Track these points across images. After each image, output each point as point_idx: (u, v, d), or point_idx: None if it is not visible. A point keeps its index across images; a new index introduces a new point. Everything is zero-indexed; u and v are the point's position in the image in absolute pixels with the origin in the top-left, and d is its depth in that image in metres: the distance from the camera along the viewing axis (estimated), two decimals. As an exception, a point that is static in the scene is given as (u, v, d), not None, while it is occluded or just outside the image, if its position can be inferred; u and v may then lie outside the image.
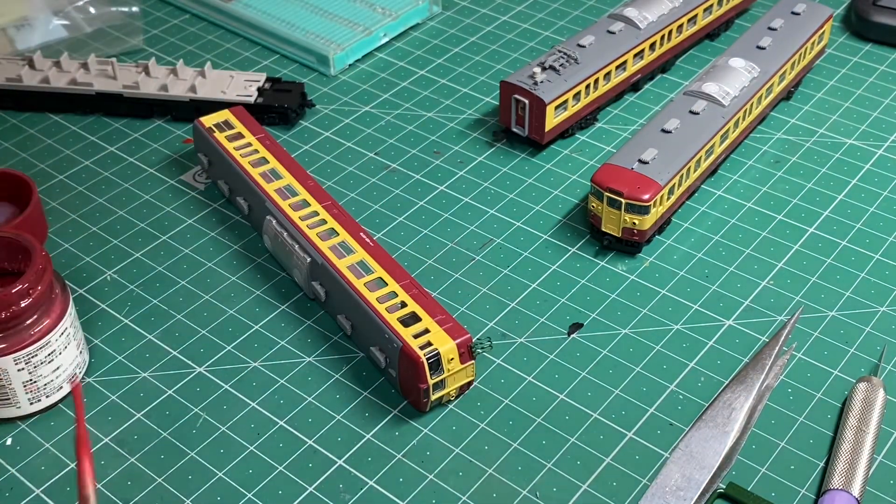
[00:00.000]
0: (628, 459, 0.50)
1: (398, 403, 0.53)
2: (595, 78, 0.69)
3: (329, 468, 0.50)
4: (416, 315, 0.52)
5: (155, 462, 0.51)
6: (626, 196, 0.59)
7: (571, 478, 0.50)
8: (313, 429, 0.52)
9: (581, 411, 0.53)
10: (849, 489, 0.48)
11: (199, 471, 0.50)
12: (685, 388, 0.54)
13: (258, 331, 0.57)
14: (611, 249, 0.62)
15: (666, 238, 0.63)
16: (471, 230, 0.63)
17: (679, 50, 0.77)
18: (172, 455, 0.51)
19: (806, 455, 0.51)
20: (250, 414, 0.53)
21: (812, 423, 0.52)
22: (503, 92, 0.68)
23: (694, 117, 0.64)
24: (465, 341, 0.51)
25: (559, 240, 0.63)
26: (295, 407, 0.53)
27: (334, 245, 0.57)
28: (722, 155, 0.66)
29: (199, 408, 0.53)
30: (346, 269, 0.55)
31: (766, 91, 0.69)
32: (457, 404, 0.53)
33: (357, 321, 0.55)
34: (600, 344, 0.56)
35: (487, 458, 0.51)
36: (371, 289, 0.54)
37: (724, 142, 0.66)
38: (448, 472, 0.50)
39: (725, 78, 0.67)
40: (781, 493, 0.49)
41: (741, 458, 0.50)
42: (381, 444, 0.51)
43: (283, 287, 0.60)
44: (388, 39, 0.80)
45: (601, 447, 0.51)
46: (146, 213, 0.65)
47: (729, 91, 0.66)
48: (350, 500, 0.49)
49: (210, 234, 0.63)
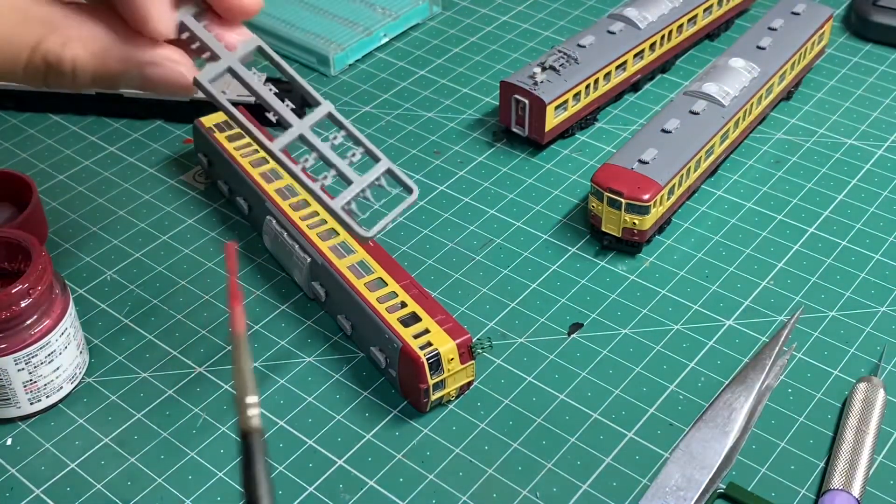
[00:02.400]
0: (628, 459, 0.50)
1: (398, 403, 0.53)
2: (595, 78, 0.69)
3: (329, 468, 0.50)
4: (416, 315, 0.52)
5: (155, 462, 0.51)
6: (627, 196, 0.59)
7: (571, 478, 0.50)
8: (313, 429, 0.52)
9: (581, 411, 0.53)
10: (849, 489, 0.48)
11: (199, 471, 0.50)
12: (685, 388, 0.54)
13: (258, 331, 0.57)
14: (611, 249, 0.62)
15: (666, 238, 0.63)
16: (471, 230, 0.63)
17: (679, 50, 0.77)
18: (172, 455, 0.51)
19: (806, 455, 0.51)
20: (250, 414, 0.53)
21: (812, 423, 0.52)
22: (503, 92, 0.68)
23: (694, 117, 0.64)
24: (465, 341, 0.51)
25: (559, 240, 0.63)
26: (295, 407, 0.53)
27: (334, 245, 0.57)
28: (722, 155, 0.66)
29: (199, 408, 0.53)
30: (346, 269, 0.55)
31: (766, 91, 0.69)
32: (457, 404, 0.53)
33: (357, 321, 0.55)
34: (600, 344, 0.56)
35: (487, 458, 0.51)
36: (371, 289, 0.54)
37: (725, 142, 0.66)
38: (448, 472, 0.50)
39: (725, 78, 0.67)
40: (781, 493, 0.49)
41: (741, 458, 0.50)
42: (381, 444, 0.51)
43: (283, 287, 0.60)
44: (388, 39, 0.80)
45: (601, 447, 0.51)
46: (146, 213, 0.65)
47: (729, 91, 0.66)
48: (350, 500, 0.49)
49: (210, 234, 0.63)
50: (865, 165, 0.68)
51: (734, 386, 0.51)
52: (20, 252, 0.52)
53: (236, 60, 0.47)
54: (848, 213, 0.64)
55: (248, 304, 0.59)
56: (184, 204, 0.65)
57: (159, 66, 0.44)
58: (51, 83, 0.44)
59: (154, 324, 0.58)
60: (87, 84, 0.44)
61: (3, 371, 0.50)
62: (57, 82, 0.44)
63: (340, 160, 0.46)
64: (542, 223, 0.64)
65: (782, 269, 0.61)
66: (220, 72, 0.46)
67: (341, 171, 0.46)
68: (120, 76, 0.44)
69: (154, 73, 0.44)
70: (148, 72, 0.44)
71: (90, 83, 0.44)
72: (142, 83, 0.44)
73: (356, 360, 0.56)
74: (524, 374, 0.55)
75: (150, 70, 0.44)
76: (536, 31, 0.81)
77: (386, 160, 0.46)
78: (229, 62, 0.46)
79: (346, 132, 0.47)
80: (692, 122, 0.64)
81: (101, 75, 0.44)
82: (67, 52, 0.43)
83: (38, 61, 0.43)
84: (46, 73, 0.43)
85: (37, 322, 0.50)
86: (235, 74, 0.47)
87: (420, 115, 0.73)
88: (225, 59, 0.46)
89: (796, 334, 0.56)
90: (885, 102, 0.73)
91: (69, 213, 0.65)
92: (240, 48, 0.47)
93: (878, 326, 0.57)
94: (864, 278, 0.60)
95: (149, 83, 0.44)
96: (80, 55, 0.43)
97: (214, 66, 0.46)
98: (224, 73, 0.46)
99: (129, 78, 0.44)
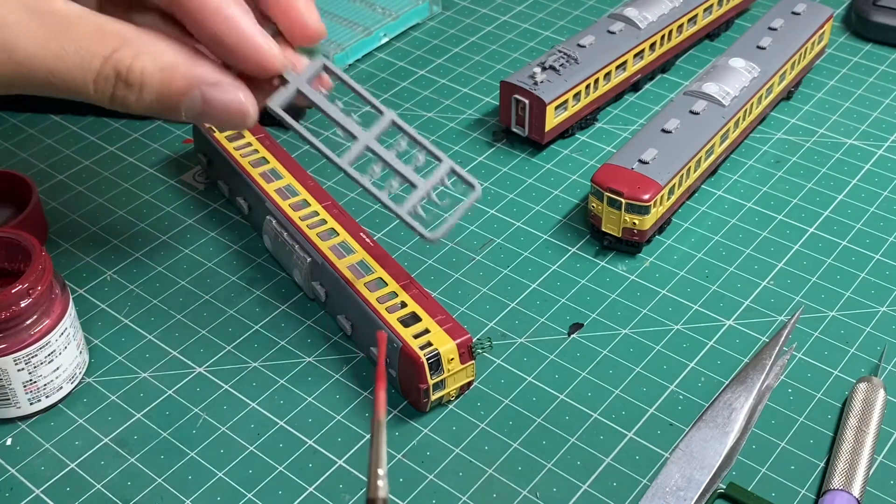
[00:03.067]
0: (628, 459, 0.50)
1: (398, 403, 0.53)
2: (595, 78, 0.69)
3: (329, 468, 0.50)
4: (416, 315, 0.52)
5: (155, 462, 0.51)
6: (627, 196, 0.59)
7: (571, 478, 0.50)
8: (313, 429, 0.52)
9: (581, 411, 0.53)
10: (849, 489, 0.48)
11: (199, 471, 0.50)
12: (685, 388, 0.54)
13: (258, 331, 0.57)
14: (611, 249, 0.62)
15: (666, 238, 0.63)
16: (471, 230, 0.63)
17: (679, 50, 0.77)
18: (172, 455, 0.51)
19: (806, 455, 0.51)
20: (250, 414, 0.53)
21: (812, 423, 0.52)
22: (503, 92, 0.68)
23: (694, 117, 0.64)
24: (465, 341, 0.51)
25: (559, 240, 0.63)
26: (295, 407, 0.53)
27: (334, 245, 0.57)
28: (722, 155, 0.66)
29: (199, 408, 0.53)
30: (346, 269, 0.55)
31: (767, 91, 0.69)
32: (457, 404, 0.53)
33: (357, 321, 0.55)
34: (600, 344, 0.56)
35: (487, 458, 0.51)
36: (371, 289, 0.54)
37: (725, 142, 0.66)
38: (448, 472, 0.50)
39: (725, 78, 0.67)
40: (781, 493, 0.49)
41: (741, 458, 0.50)
42: (381, 444, 0.51)
43: (283, 287, 0.60)
44: (388, 39, 0.80)
45: (601, 447, 0.51)
46: (146, 213, 0.65)
47: (729, 91, 0.66)
48: (350, 500, 0.49)
49: (210, 234, 0.63)
50: (865, 165, 0.68)
51: (734, 386, 0.51)
52: (20, 252, 0.52)
53: (304, 82, 0.48)
54: (848, 213, 0.64)
55: (248, 304, 0.59)
56: (184, 204, 0.65)
57: (221, 87, 0.46)
58: (118, 98, 0.45)
59: (154, 324, 0.58)
60: (151, 102, 0.46)
61: (3, 371, 0.50)
62: (123, 97, 0.45)
63: (405, 166, 0.48)
64: (542, 223, 0.64)
65: (782, 269, 0.61)
66: (290, 95, 0.48)
67: (407, 177, 0.48)
68: (183, 95, 0.45)
69: (214, 94, 0.45)
70: (209, 93, 0.45)
71: (154, 101, 0.45)
72: (202, 106, 0.46)
73: (356, 360, 0.56)
74: (524, 374, 0.55)
75: (211, 91, 0.45)
76: (536, 31, 0.81)
77: (447, 160, 0.48)
78: (297, 84, 0.48)
79: (409, 137, 0.49)
80: (692, 122, 0.64)
81: (165, 92, 0.45)
82: (137, 64, 0.44)
83: (109, 71, 0.44)
84: (115, 84, 0.45)
85: (37, 322, 0.50)
86: (304, 96, 0.48)
87: (420, 115, 0.73)
88: (293, 81, 0.48)
89: (796, 334, 0.56)
90: (885, 102, 0.73)
91: (69, 213, 0.65)
92: (307, 69, 0.48)
93: (878, 326, 0.57)
94: (864, 278, 0.60)
95: (208, 105, 0.46)
96: (149, 68, 0.45)
97: (284, 90, 0.48)
98: (294, 95, 0.48)
99: (191, 99, 0.45)
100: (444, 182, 0.48)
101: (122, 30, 0.45)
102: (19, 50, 0.43)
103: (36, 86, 0.45)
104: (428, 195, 0.48)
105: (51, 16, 0.44)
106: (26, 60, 0.44)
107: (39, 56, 0.44)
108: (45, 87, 0.45)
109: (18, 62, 0.44)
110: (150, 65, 0.45)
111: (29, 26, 0.43)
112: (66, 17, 0.44)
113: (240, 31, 0.45)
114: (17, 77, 0.44)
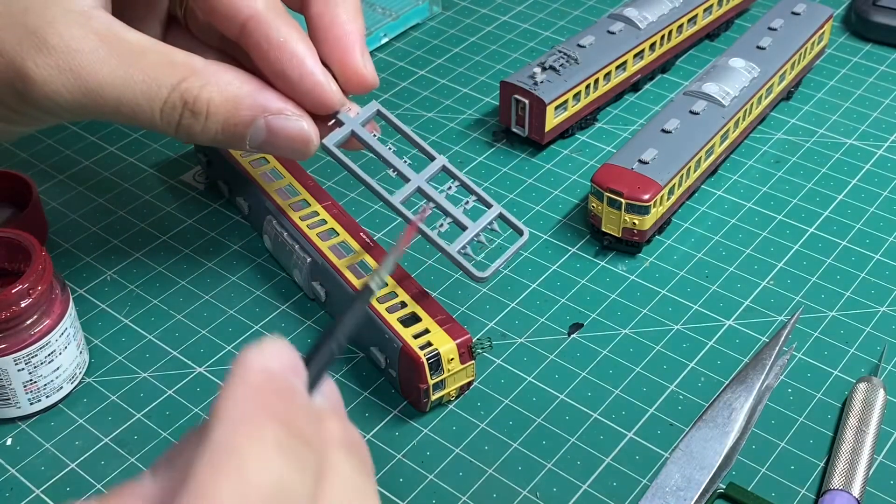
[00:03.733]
0: (628, 459, 0.51)
1: (398, 403, 0.53)
2: (595, 78, 0.69)
3: (329, 468, 0.50)
4: (416, 315, 0.52)
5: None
6: (626, 196, 0.59)
7: (571, 478, 0.50)
8: (313, 429, 0.52)
9: (581, 411, 0.53)
10: (849, 489, 0.48)
11: (199, 471, 0.50)
12: (685, 388, 0.54)
13: (258, 331, 0.57)
14: (611, 249, 0.62)
15: (666, 238, 0.63)
16: (471, 230, 0.63)
17: (679, 50, 0.77)
18: (172, 455, 0.51)
19: (806, 455, 0.51)
20: (250, 414, 0.53)
21: (812, 423, 0.52)
22: (503, 92, 0.68)
23: (694, 117, 0.64)
24: (465, 341, 0.51)
25: (559, 240, 0.63)
26: (295, 407, 0.53)
27: (334, 245, 0.57)
28: (722, 155, 0.66)
29: (199, 408, 0.53)
30: (346, 269, 0.55)
31: (766, 91, 0.69)
32: (457, 404, 0.53)
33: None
34: (600, 344, 0.56)
35: (487, 458, 0.51)
36: (371, 289, 0.54)
37: (724, 142, 0.66)
38: (448, 472, 0.50)
39: (725, 78, 0.67)
40: (781, 493, 0.49)
41: (741, 458, 0.50)
42: (381, 444, 0.51)
43: (283, 287, 0.60)
44: (388, 39, 0.80)
45: (601, 447, 0.51)
46: (146, 213, 0.65)
47: (729, 91, 0.66)
48: (350, 500, 0.49)
49: (210, 234, 0.63)
50: (865, 165, 0.68)
51: (734, 386, 0.51)
52: (20, 252, 0.52)
53: (358, 124, 0.51)
54: (848, 213, 0.64)
55: (247, 304, 0.59)
56: (184, 204, 0.65)
57: (285, 117, 0.48)
58: (183, 127, 0.47)
59: (154, 324, 0.58)
60: (216, 132, 0.48)
61: (3, 371, 0.50)
62: (189, 126, 0.47)
63: (454, 208, 0.51)
64: (542, 223, 0.64)
65: (782, 269, 0.61)
66: (345, 136, 0.51)
67: (456, 218, 0.51)
68: (248, 125, 0.48)
69: (279, 123, 0.48)
70: (273, 122, 0.48)
71: (220, 130, 0.48)
72: (266, 135, 0.48)
73: (356, 360, 0.56)
74: (524, 374, 0.55)
75: (275, 120, 0.48)
76: (536, 31, 0.81)
77: (497, 206, 0.52)
78: (352, 126, 0.51)
79: (460, 182, 0.52)
80: (692, 122, 0.64)
81: (231, 122, 0.47)
82: (204, 94, 0.46)
83: (176, 100, 0.46)
84: (182, 113, 0.47)
85: (37, 322, 0.50)
86: (358, 137, 0.51)
87: (420, 115, 0.73)
88: (348, 123, 0.51)
89: (796, 334, 0.56)
90: (885, 102, 0.73)
91: (69, 213, 0.65)
92: (361, 113, 0.51)
93: (878, 326, 0.57)
94: (864, 278, 0.60)
95: (272, 134, 0.48)
96: (216, 98, 0.47)
97: (339, 130, 0.51)
98: (348, 136, 0.51)
99: (256, 129, 0.48)
100: (492, 226, 0.51)
101: (189, 61, 0.47)
102: (91, 77, 0.45)
103: (105, 113, 0.47)
104: (478, 237, 0.51)
105: (122, 45, 0.46)
106: (97, 88, 0.45)
107: (110, 84, 0.45)
108: (113, 115, 0.47)
109: (90, 89, 0.45)
110: (216, 95, 0.47)
111: (101, 55, 0.45)
112: (136, 47, 0.46)
113: (303, 68, 0.48)
114: (89, 104, 0.46)
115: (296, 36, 0.48)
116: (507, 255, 0.51)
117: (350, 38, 0.50)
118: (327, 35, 0.50)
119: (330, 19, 0.50)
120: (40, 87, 0.45)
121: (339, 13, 0.50)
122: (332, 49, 0.50)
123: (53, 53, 0.45)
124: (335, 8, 0.50)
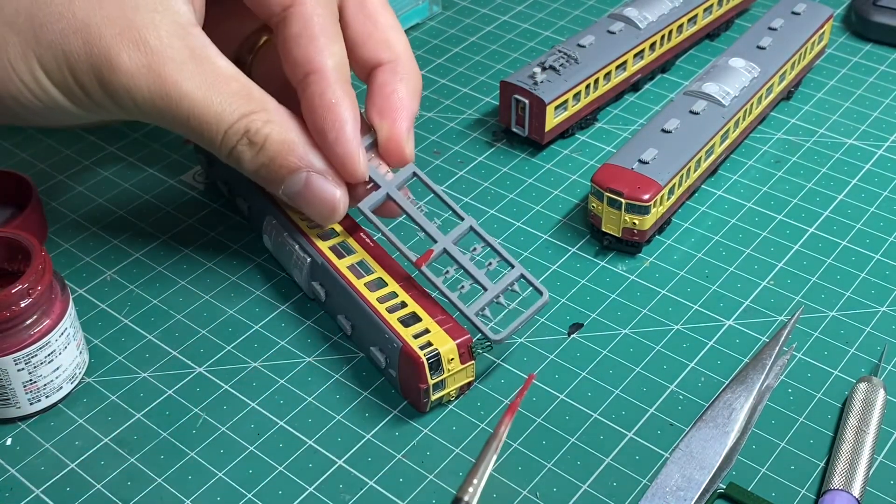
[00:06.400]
0: (628, 459, 0.50)
1: (398, 403, 0.53)
2: (595, 78, 0.69)
3: (329, 468, 0.50)
4: (416, 315, 0.52)
5: (155, 462, 0.51)
6: (626, 196, 0.59)
7: (571, 478, 0.50)
8: (313, 429, 0.52)
9: (581, 411, 0.53)
10: (849, 489, 0.48)
11: (199, 471, 0.50)
12: (685, 388, 0.54)
13: (258, 331, 0.57)
14: (611, 249, 0.62)
15: (666, 238, 0.63)
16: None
17: (679, 50, 0.77)
18: (172, 455, 0.51)
19: (806, 455, 0.51)
20: (250, 414, 0.53)
21: (812, 423, 0.52)
22: (503, 92, 0.68)
23: (694, 117, 0.64)
24: (465, 341, 0.51)
25: (559, 240, 0.63)
26: (295, 407, 0.53)
27: (334, 245, 0.57)
28: (722, 155, 0.66)
29: (199, 408, 0.53)
30: (346, 269, 0.55)
31: (767, 91, 0.69)
32: (457, 404, 0.53)
33: (357, 321, 0.55)
34: (600, 344, 0.56)
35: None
36: (371, 289, 0.54)
37: (725, 142, 0.66)
38: (448, 472, 0.50)
39: (725, 78, 0.67)
40: (781, 493, 0.49)
41: (741, 458, 0.50)
42: (381, 444, 0.51)
43: (283, 287, 0.60)
44: (388, 39, 0.80)
45: (601, 447, 0.51)
46: (146, 213, 0.65)
47: (729, 91, 0.66)
48: (350, 500, 0.49)
49: (210, 234, 0.63)
50: (865, 165, 0.68)
51: (734, 386, 0.51)
52: (20, 252, 0.52)
53: (394, 188, 0.54)
54: (848, 213, 0.64)
55: (247, 304, 0.59)
56: (184, 204, 0.65)
57: (325, 179, 0.52)
58: (236, 152, 0.51)
59: (154, 324, 0.58)
60: (261, 165, 0.52)
61: (3, 371, 0.50)
62: (241, 153, 0.51)
63: (478, 270, 0.53)
64: (542, 223, 0.64)
65: (782, 269, 0.61)
66: (380, 199, 0.54)
67: (478, 280, 0.53)
68: (290, 171, 0.52)
69: (318, 182, 0.52)
70: (314, 179, 0.52)
71: (265, 164, 0.52)
72: (302, 188, 0.52)
73: (356, 360, 0.56)
74: (524, 374, 0.55)
75: (316, 178, 0.52)
76: (536, 31, 0.82)
77: (519, 267, 0.54)
78: (388, 189, 0.54)
79: (486, 243, 0.54)
80: (692, 122, 0.64)
81: (277, 162, 0.51)
82: (265, 129, 0.51)
83: (241, 127, 0.50)
84: (240, 139, 0.50)
85: (37, 322, 0.50)
86: (393, 200, 0.54)
87: (420, 115, 0.73)
88: (384, 186, 0.53)
89: (796, 334, 0.56)
90: (885, 102, 0.74)
91: (69, 213, 0.65)
92: (398, 176, 0.54)
93: (878, 326, 0.57)
94: (864, 278, 0.60)
95: (308, 189, 0.52)
96: (274, 136, 0.51)
97: (375, 194, 0.53)
98: (384, 200, 0.54)
99: (296, 178, 0.52)
100: (513, 287, 0.53)
101: (264, 98, 0.51)
102: (174, 86, 0.49)
103: (171, 120, 0.50)
104: (497, 298, 0.53)
105: (210, 65, 0.50)
106: (176, 97, 0.49)
107: (189, 97, 0.49)
108: (177, 124, 0.50)
109: (168, 96, 0.49)
110: (275, 134, 0.51)
111: (190, 69, 0.49)
112: (223, 72, 0.50)
113: (342, 133, 0.51)
114: (163, 108, 0.49)
115: (347, 103, 0.51)
116: (523, 318, 0.53)
117: (404, 113, 0.54)
118: (385, 103, 0.54)
119: (391, 90, 0.54)
120: (126, 78, 0.48)
121: (401, 88, 0.54)
122: (384, 116, 0.54)
123: (148, 53, 0.48)
124: (398, 83, 0.54)
